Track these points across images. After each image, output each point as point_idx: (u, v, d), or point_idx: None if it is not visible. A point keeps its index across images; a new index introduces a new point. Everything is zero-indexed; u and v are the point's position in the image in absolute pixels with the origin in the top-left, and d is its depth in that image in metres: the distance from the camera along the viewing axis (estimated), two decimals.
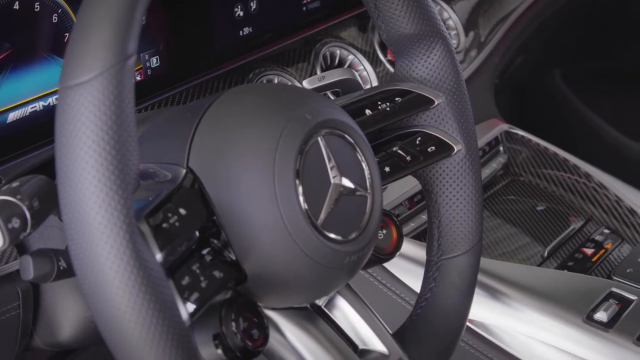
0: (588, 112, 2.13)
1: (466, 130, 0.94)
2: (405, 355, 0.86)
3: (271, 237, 0.73)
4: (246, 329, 0.73)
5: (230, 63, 1.19)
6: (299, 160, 0.73)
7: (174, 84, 1.11)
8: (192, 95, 1.12)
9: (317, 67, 1.28)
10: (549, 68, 2.15)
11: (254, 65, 1.22)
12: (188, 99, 1.12)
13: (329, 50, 1.31)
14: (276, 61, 1.25)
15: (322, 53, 1.29)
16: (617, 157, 2.08)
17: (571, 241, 1.38)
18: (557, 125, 2.15)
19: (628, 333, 1.17)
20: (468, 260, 0.94)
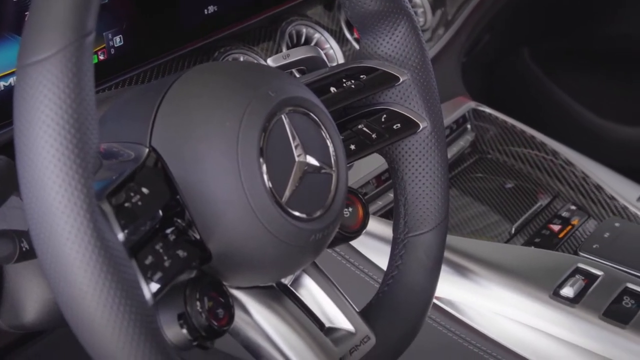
0: (556, 90, 2.14)
1: (432, 107, 0.94)
2: (371, 332, 0.86)
3: (235, 215, 0.72)
4: (211, 308, 0.73)
5: (195, 42, 1.18)
6: (262, 138, 0.73)
7: (138, 64, 1.10)
8: (156, 74, 1.11)
9: (283, 45, 1.27)
10: (517, 46, 2.15)
11: (219, 44, 1.21)
12: (152, 78, 1.11)
13: (295, 29, 1.30)
14: (242, 40, 1.24)
15: (288, 31, 1.29)
16: (583, 134, 2.09)
17: (538, 218, 1.39)
18: (525, 103, 2.16)
19: (594, 308, 1.18)
20: (434, 238, 0.94)
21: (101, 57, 1.04)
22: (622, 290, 1.20)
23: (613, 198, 1.42)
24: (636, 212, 1.39)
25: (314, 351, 0.81)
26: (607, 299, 1.19)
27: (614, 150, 2.05)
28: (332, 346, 0.83)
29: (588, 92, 2.12)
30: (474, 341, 1.23)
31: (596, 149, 1.69)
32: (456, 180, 1.48)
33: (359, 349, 0.84)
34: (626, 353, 1.15)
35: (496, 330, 1.22)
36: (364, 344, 0.85)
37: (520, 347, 1.21)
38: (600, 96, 2.12)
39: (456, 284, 1.23)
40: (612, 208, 1.41)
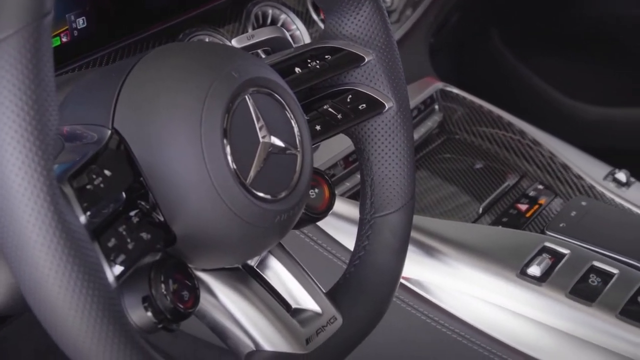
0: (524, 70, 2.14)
1: (397, 88, 0.94)
2: (338, 313, 0.87)
3: (199, 197, 0.72)
4: (176, 291, 0.73)
5: (160, 23, 1.16)
6: (226, 119, 0.73)
7: (102, 46, 1.08)
8: (120, 57, 1.10)
9: (248, 26, 1.26)
10: (486, 27, 2.15)
11: (184, 26, 1.20)
12: (116, 60, 1.10)
13: (261, 10, 1.30)
14: (207, 21, 1.23)
15: (254, 12, 1.28)
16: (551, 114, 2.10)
17: (506, 197, 1.39)
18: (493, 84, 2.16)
19: (561, 287, 1.19)
20: (401, 218, 0.94)
21: (64, 39, 1.03)
22: (588, 268, 1.21)
23: (580, 177, 1.43)
24: (602, 191, 1.40)
25: (280, 332, 0.81)
26: (574, 277, 1.20)
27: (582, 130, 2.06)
28: (299, 327, 0.83)
29: (556, 72, 2.13)
30: (442, 321, 1.23)
31: (564, 128, 1.70)
32: (424, 161, 1.48)
33: (325, 329, 0.85)
34: (592, 331, 1.16)
35: (464, 309, 1.23)
36: (330, 324, 0.85)
37: (488, 326, 1.22)
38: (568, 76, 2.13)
39: (424, 264, 1.23)
40: (578, 187, 1.42)
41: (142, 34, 1.14)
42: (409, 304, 1.24)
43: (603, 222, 1.30)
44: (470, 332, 1.22)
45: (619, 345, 1.15)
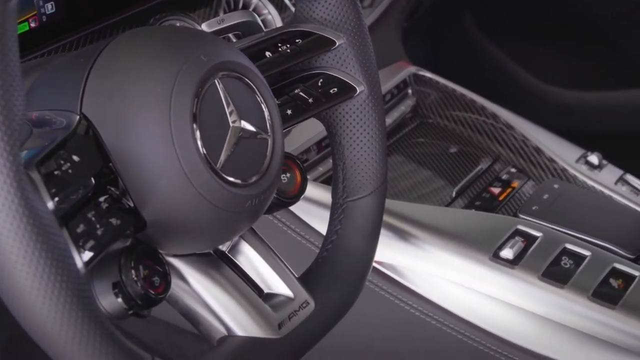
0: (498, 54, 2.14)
1: (368, 71, 0.94)
2: (310, 298, 0.86)
3: (169, 182, 0.72)
4: (147, 277, 0.73)
5: (130, 8, 1.16)
6: (195, 104, 0.72)
7: (71, 31, 1.08)
8: (90, 42, 1.09)
9: (220, 11, 1.25)
10: (459, 11, 2.15)
11: (155, 10, 1.19)
12: (86, 46, 1.09)
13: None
14: (178, 6, 1.22)
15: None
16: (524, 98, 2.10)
17: (479, 181, 1.40)
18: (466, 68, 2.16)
19: (533, 269, 1.19)
20: (373, 202, 0.94)
21: (32, 24, 1.02)
22: (560, 250, 1.22)
23: (552, 160, 1.44)
24: (575, 173, 1.41)
25: (252, 317, 0.81)
26: (546, 259, 1.20)
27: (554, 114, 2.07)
28: (271, 312, 0.83)
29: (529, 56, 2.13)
30: (416, 304, 1.24)
31: (537, 112, 1.71)
32: (398, 146, 1.48)
33: (297, 314, 0.84)
34: (564, 312, 1.17)
35: (437, 293, 1.23)
36: (302, 309, 0.85)
37: (460, 309, 1.22)
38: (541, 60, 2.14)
39: (397, 248, 1.23)
40: (551, 170, 1.42)
41: (112, 19, 1.13)
42: (382, 288, 1.24)
43: (575, 204, 1.31)
44: (443, 316, 1.23)
45: (591, 326, 1.16)
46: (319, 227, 1.24)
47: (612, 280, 1.19)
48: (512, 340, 1.21)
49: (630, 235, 1.27)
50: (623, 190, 1.39)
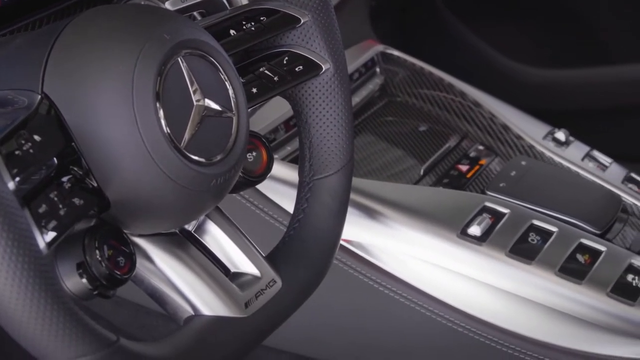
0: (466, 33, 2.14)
1: (334, 49, 0.93)
2: (277, 276, 0.86)
3: (133, 162, 0.71)
4: (111, 257, 0.72)
5: None
6: (158, 82, 0.72)
7: (34, 10, 1.06)
8: (52, 22, 1.08)
9: None
10: None
11: None
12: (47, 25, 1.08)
13: None
14: None
15: None
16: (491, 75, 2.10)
17: (447, 159, 1.40)
18: (434, 46, 2.16)
19: (501, 246, 1.20)
20: (339, 180, 0.94)
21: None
22: (528, 227, 1.22)
23: (520, 137, 1.44)
24: (542, 150, 1.41)
25: (219, 296, 0.80)
26: (514, 236, 1.21)
27: (522, 91, 2.07)
28: (238, 291, 0.82)
29: (497, 34, 2.14)
30: (384, 282, 1.24)
31: (504, 90, 1.71)
32: (366, 124, 1.48)
33: (265, 292, 0.84)
34: (532, 288, 1.18)
35: (405, 270, 1.23)
36: (269, 287, 0.85)
37: (429, 286, 1.23)
38: (509, 38, 2.14)
39: (366, 226, 1.23)
40: (518, 147, 1.43)
41: None
42: (351, 267, 1.24)
43: (542, 181, 1.31)
44: (412, 293, 1.23)
45: (558, 302, 1.17)
46: (286, 205, 1.24)
47: (578, 256, 1.19)
48: (480, 316, 1.21)
49: (597, 211, 1.27)
50: (590, 167, 1.39)
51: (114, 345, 0.68)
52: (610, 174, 1.39)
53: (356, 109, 1.47)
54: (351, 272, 1.25)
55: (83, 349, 0.65)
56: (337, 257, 1.23)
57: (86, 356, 0.66)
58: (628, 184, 1.38)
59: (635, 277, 1.18)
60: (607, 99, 2.09)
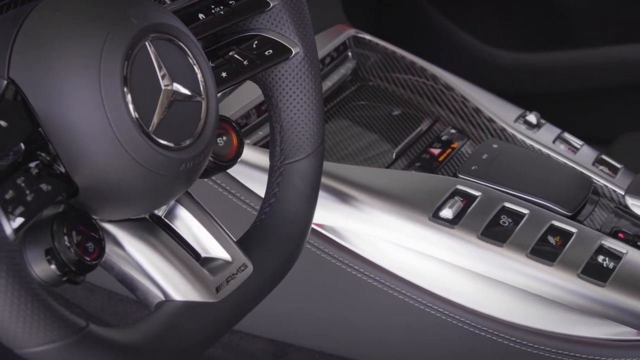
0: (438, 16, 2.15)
1: (303, 33, 0.93)
2: (249, 261, 0.86)
3: (101, 147, 0.71)
4: (80, 243, 0.72)
5: None
6: (126, 66, 0.71)
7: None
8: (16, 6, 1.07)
9: None
10: None
11: None
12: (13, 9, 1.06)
13: None
14: None
15: None
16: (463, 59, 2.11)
17: (419, 142, 1.40)
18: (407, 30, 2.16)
19: (472, 228, 1.20)
20: (310, 164, 0.95)
21: None
22: (499, 209, 1.23)
23: (491, 120, 1.44)
24: (514, 133, 1.42)
25: (189, 281, 0.80)
26: (485, 218, 1.21)
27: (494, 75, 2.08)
28: (209, 275, 0.82)
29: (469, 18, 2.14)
30: (357, 266, 1.24)
31: (476, 73, 1.71)
32: (339, 109, 1.48)
33: (236, 277, 0.84)
34: (503, 270, 1.18)
35: (378, 254, 1.24)
36: (240, 272, 0.85)
37: (402, 269, 1.23)
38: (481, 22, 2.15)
39: (338, 210, 1.23)
40: (490, 130, 1.43)
41: None
42: (323, 251, 1.24)
43: (514, 163, 1.32)
44: (384, 276, 1.24)
45: (529, 283, 1.18)
46: (258, 190, 1.24)
47: (550, 238, 1.20)
48: (452, 298, 1.22)
49: (568, 192, 1.28)
50: (561, 149, 1.40)
51: (83, 331, 0.68)
52: (581, 156, 1.40)
53: (328, 94, 1.47)
54: (324, 256, 1.25)
55: (52, 336, 0.65)
56: (310, 241, 1.24)
57: (55, 343, 0.66)
58: (599, 165, 1.39)
59: (605, 258, 1.18)
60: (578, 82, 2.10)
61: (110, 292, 1.44)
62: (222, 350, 1.41)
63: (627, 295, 1.15)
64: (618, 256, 1.19)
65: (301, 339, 1.38)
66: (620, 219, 1.29)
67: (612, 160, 1.41)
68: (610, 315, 1.16)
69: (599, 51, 2.09)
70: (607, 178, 1.36)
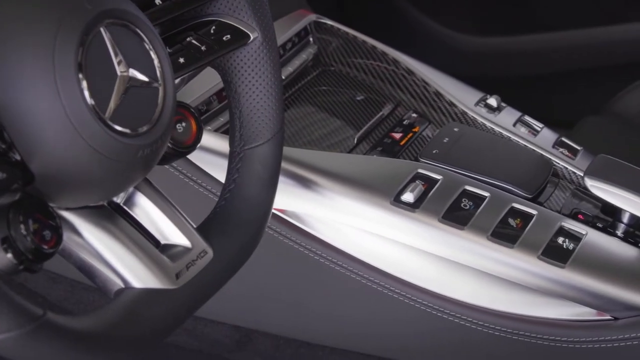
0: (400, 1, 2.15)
1: (261, 18, 0.93)
2: (208, 247, 0.86)
3: (56, 134, 0.70)
4: (37, 231, 0.71)
5: None
6: (80, 52, 0.71)
7: None
8: None
9: None
10: None
11: None
12: None
13: None
14: None
15: None
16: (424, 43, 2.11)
17: (380, 127, 1.40)
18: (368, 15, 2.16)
19: (433, 212, 1.20)
20: (270, 149, 0.94)
21: None
22: (460, 192, 1.23)
23: (452, 104, 1.45)
24: (474, 116, 1.42)
25: (148, 268, 0.80)
26: (446, 202, 1.22)
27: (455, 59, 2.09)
28: (168, 262, 0.82)
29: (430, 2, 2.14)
30: (319, 251, 1.24)
31: (438, 57, 1.72)
32: (300, 94, 1.47)
33: (195, 263, 0.84)
34: (465, 253, 1.19)
35: (340, 238, 1.24)
36: (200, 258, 0.85)
37: (364, 254, 1.24)
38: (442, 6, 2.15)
39: (299, 196, 1.23)
40: (451, 114, 1.43)
41: None
42: (286, 236, 1.25)
43: (475, 147, 1.32)
44: (346, 261, 1.24)
45: (490, 266, 1.18)
46: (219, 176, 1.23)
47: (510, 220, 1.21)
48: (414, 282, 1.22)
49: (528, 175, 1.29)
50: (521, 132, 1.41)
51: (40, 319, 0.67)
52: (541, 138, 1.41)
53: (290, 79, 1.46)
54: (286, 242, 1.25)
55: (8, 325, 0.65)
56: (272, 227, 1.24)
57: (11, 332, 0.65)
58: (559, 148, 1.40)
59: (565, 240, 1.19)
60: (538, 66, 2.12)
61: (73, 281, 1.43)
62: (186, 337, 1.41)
63: (586, 275, 1.17)
64: (578, 237, 1.20)
65: (265, 324, 1.38)
66: (580, 201, 1.30)
67: (572, 142, 1.42)
68: (570, 295, 1.17)
69: (559, 35, 2.10)
70: (567, 160, 1.37)
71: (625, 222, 1.22)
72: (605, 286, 1.16)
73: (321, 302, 1.31)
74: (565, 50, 2.10)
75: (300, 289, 1.31)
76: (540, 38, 2.09)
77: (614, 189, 1.19)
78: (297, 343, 1.37)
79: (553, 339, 1.19)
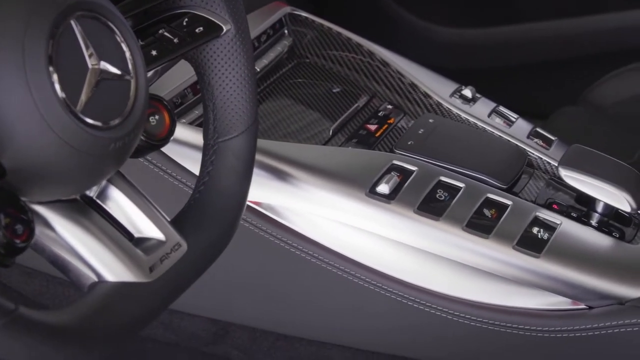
0: None
1: (234, 10, 0.93)
2: (182, 240, 0.86)
3: (26, 127, 0.70)
4: (8, 225, 0.71)
5: None
6: (50, 45, 0.70)
7: None
8: None
9: None
10: None
11: None
12: None
13: None
14: None
15: None
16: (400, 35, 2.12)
17: (355, 118, 1.40)
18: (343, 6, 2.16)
19: (409, 203, 1.21)
20: (244, 141, 0.94)
21: None
22: (435, 183, 1.24)
23: (427, 95, 1.45)
24: (449, 107, 1.43)
25: (122, 261, 0.80)
26: (421, 193, 1.22)
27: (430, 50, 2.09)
28: (142, 255, 0.82)
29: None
30: (295, 243, 1.24)
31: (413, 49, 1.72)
32: (275, 86, 1.47)
33: (169, 256, 0.84)
34: (440, 244, 1.19)
35: (316, 230, 1.24)
36: (174, 251, 0.84)
37: (340, 245, 1.24)
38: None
39: (275, 188, 1.23)
40: (426, 105, 1.44)
41: None
42: (261, 229, 1.24)
43: (450, 138, 1.33)
44: (322, 253, 1.24)
45: (465, 257, 1.19)
46: (194, 169, 1.23)
47: (485, 211, 1.21)
48: (390, 273, 1.23)
49: (503, 165, 1.29)
50: (496, 122, 1.41)
51: (13, 314, 0.67)
52: (516, 129, 1.41)
53: (265, 72, 1.46)
54: (262, 234, 1.25)
55: None
56: (247, 219, 1.24)
57: None
58: (533, 138, 1.40)
59: (540, 230, 1.20)
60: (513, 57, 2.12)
61: (49, 276, 1.43)
62: (162, 331, 1.41)
63: (561, 265, 1.17)
64: (552, 227, 1.21)
65: (242, 317, 1.38)
66: (555, 191, 1.30)
67: (547, 132, 1.42)
68: (545, 285, 1.18)
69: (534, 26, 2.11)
70: (542, 150, 1.38)
71: (599, 212, 1.23)
72: (580, 275, 1.17)
73: (298, 294, 1.31)
74: (541, 41, 2.11)
75: (276, 281, 1.31)
76: (515, 29, 2.10)
77: (588, 178, 1.20)
78: (274, 335, 1.37)
79: (528, 328, 1.19)
